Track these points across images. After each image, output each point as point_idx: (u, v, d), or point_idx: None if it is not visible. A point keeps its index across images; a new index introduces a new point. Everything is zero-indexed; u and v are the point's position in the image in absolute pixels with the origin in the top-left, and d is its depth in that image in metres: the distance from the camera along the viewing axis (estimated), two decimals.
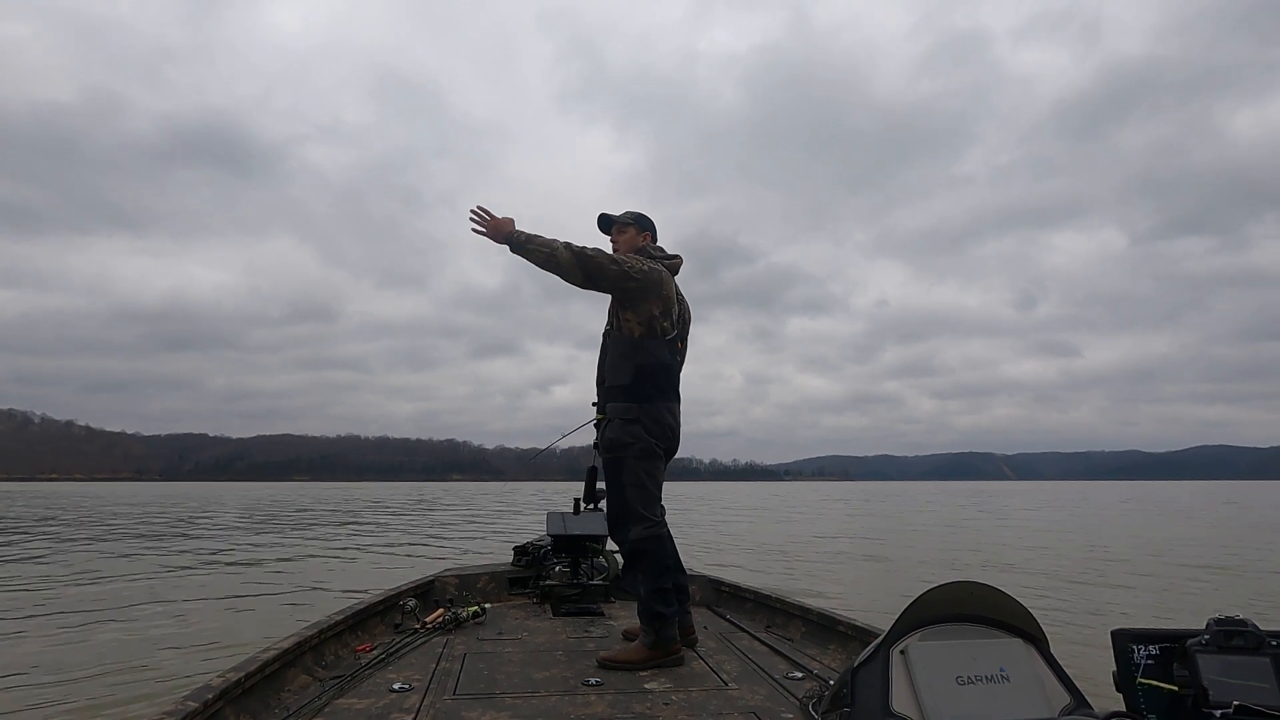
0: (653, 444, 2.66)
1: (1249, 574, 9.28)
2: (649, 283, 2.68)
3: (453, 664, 2.58)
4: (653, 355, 2.69)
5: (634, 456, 2.66)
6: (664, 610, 2.58)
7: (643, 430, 2.66)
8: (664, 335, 2.71)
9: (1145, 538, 14.48)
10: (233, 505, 32.12)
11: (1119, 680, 1.31)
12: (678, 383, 2.80)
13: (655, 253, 2.86)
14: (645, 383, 2.68)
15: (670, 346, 2.73)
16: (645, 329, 2.70)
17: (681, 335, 2.85)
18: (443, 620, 3.09)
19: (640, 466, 2.67)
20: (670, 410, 2.73)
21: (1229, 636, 1.23)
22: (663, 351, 2.70)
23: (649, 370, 2.68)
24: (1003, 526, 18.66)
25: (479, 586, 3.78)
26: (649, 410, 2.67)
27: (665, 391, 2.72)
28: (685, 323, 2.90)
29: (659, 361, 2.69)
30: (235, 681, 1.99)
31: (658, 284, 2.70)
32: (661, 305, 2.71)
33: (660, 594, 2.61)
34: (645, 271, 2.68)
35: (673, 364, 2.75)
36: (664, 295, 2.72)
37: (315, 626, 2.63)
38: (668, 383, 2.73)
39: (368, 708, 2.12)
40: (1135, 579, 8.74)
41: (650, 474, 2.69)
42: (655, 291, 2.69)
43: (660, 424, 2.69)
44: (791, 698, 2.20)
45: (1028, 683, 1.32)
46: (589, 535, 3.78)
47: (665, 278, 2.76)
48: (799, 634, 3.01)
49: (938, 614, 1.41)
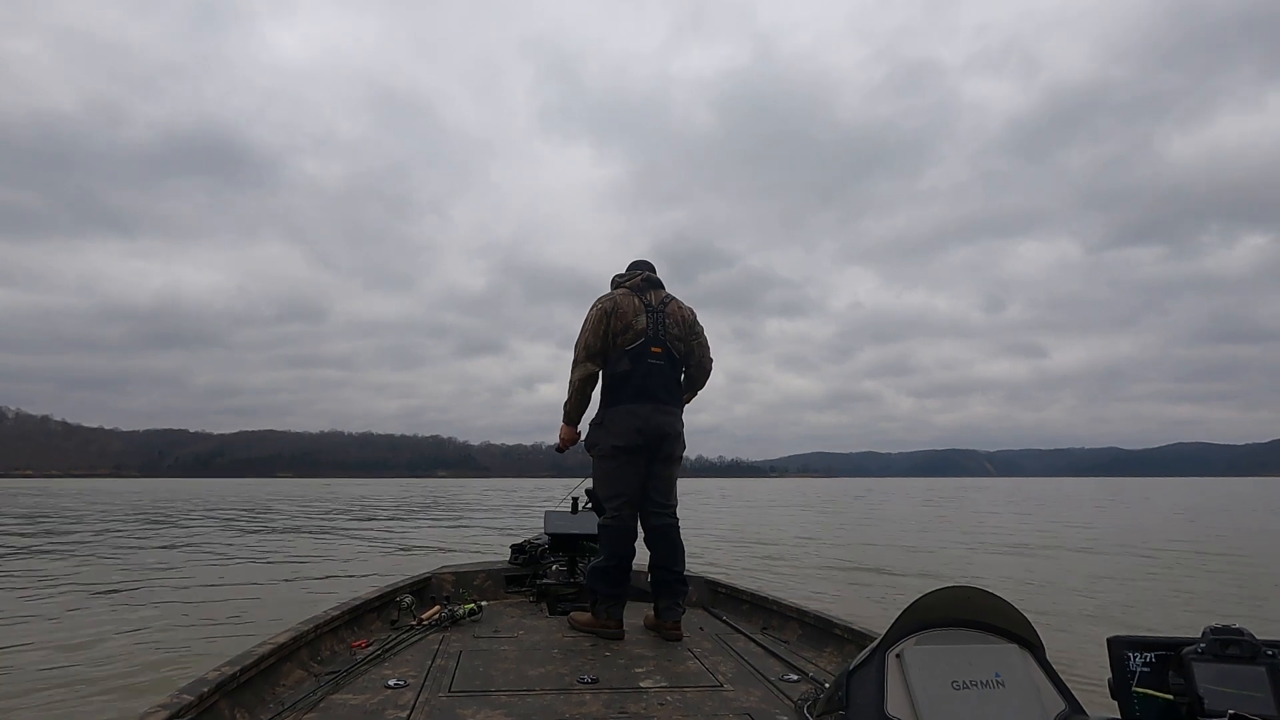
0: (612, 445, 3.04)
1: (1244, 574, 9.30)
2: (594, 337, 3.11)
3: (448, 661, 2.59)
4: (614, 366, 3.10)
5: (597, 456, 3.12)
6: (597, 587, 3.02)
7: (605, 433, 3.08)
8: (624, 347, 3.09)
9: (1132, 538, 14.48)
10: (212, 502, 31.72)
11: (1114, 687, 1.31)
12: (650, 384, 3.09)
13: (616, 281, 3.29)
14: (608, 391, 3.13)
15: (633, 355, 3.08)
16: (614, 347, 3.13)
17: (656, 339, 3.13)
18: (439, 617, 3.09)
19: (600, 465, 3.12)
20: (632, 411, 3.04)
21: (1224, 645, 1.22)
22: (623, 361, 3.08)
23: (610, 380, 3.12)
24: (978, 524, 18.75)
25: (476, 584, 3.79)
26: (610, 414, 3.09)
27: (629, 395, 3.06)
28: (662, 325, 3.17)
29: (619, 370, 3.09)
30: (231, 675, 1.99)
31: (599, 323, 3.11)
32: (620, 325, 3.10)
33: (596, 573, 3.05)
34: (585, 341, 3.12)
35: (633, 370, 3.08)
36: (617, 320, 3.11)
37: (311, 622, 2.64)
38: (631, 386, 3.07)
39: (363, 703, 2.12)
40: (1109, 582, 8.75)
41: (608, 472, 3.09)
42: (608, 326, 3.09)
43: (620, 424, 3.04)
44: (787, 700, 2.20)
45: (1023, 688, 1.32)
46: (586, 534, 3.79)
47: (604, 310, 3.12)
48: (795, 636, 3.02)
49: (934, 618, 1.40)
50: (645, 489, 3.10)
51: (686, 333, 3.24)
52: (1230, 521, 19.50)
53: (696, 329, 3.30)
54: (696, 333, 3.30)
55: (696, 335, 3.30)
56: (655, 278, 3.32)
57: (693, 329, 3.28)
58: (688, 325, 3.25)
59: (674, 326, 3.20)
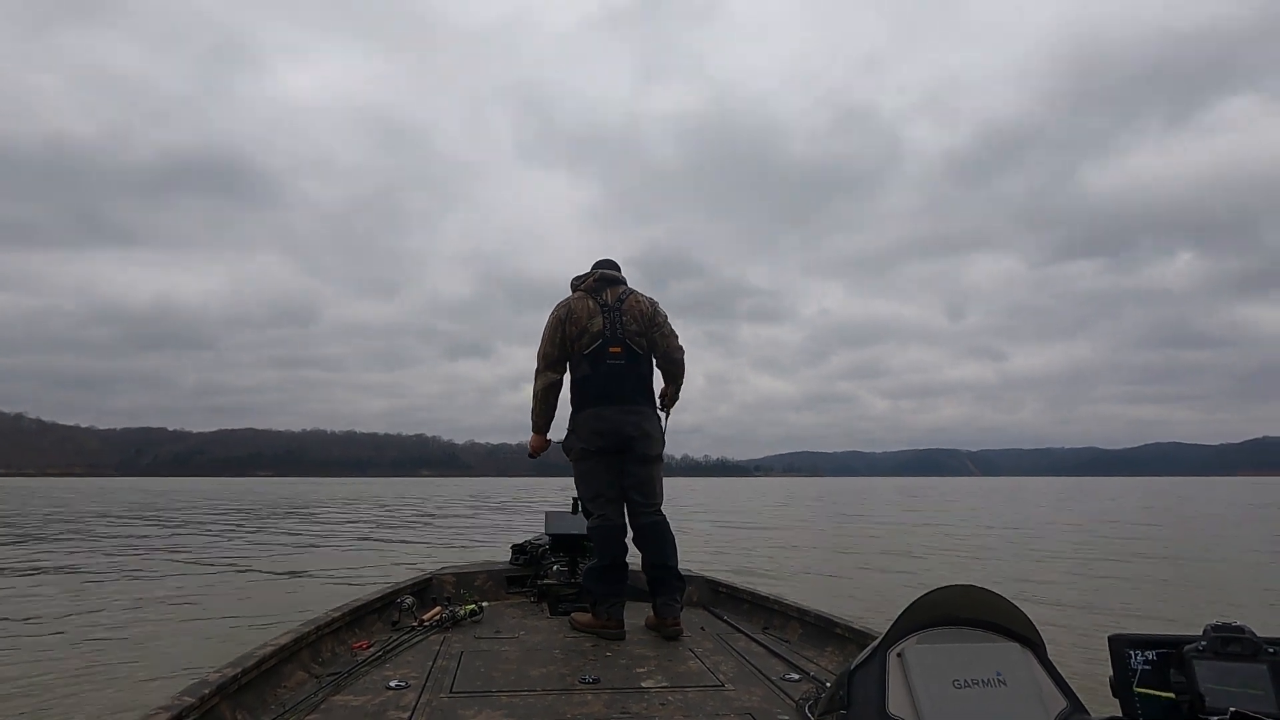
0: (582, 449, 3.10)
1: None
2: (550, 345, 3.16)
3: (449, 662, 2.59)
4: (576, 371, 3.16)
5: (573, 459, 3.17)
6: (593, 588, 3.05)
7: (576, 439, 3.14)
8: (582, 352, 3.12)
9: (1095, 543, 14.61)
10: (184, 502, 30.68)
11: (1115, 685, 1.32)
12: (611, 386, 3.10)
13: (574, 283, 3.29)
14: (574, 396, 3.19)
15: (592, 358, 3.11)
16: (573, 352, 3.18)
17: (614, 339, 3.13)
18: (440, 618, 3.09)
19: (578, 468, 3.17)
20: (597, 414, 3.08)
21: (1226, 643, 1.24)
22: (583, 366, 3.12)
23: (574, 385, 3.19)
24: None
25: (476, 585, 3.78)
26: (577, 419, 3.15)
27: (593, 398, 3.10)
28: (619, 323, 3.15)
29: (580, 375, 3.14)
30: (232, 677, 1.99)
31: (554, 330, 3.15)
32: (576, 331, 3.13)
33: (592, 574, 3.10)
34: (543, 351, 3.19)
35: (593, 373, 3.10)
36: (572, 326, 3.13)
37: (312, 623, 2.63)
38: (594, 389, 3.10)
39: (364, 705, 2.12)
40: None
41: (583, 474, 3.15)
42: (563, 333, 3.13)
43: (588, 427, 3.09)
44: (788, 699, 2.22)
45: (1024, 687, 1.33)
46: (587, 535, 3.79)
47: (558, 318, 3.16)
48: (796, 635, 3.03)
49: (935, 617, 1.41)
50: (626, 489, 3.11)
51: (646, 326, 3.19)
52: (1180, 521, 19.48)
53: (657, 320, 3.22)
54: (658, 324, 3.22)
55: (658, 326, 3.22)
56: (612, 274, 3.26)
57: (652, 320, 3.21)
58: (646, 319, 3.19)
59: (632, 323, 3.15)
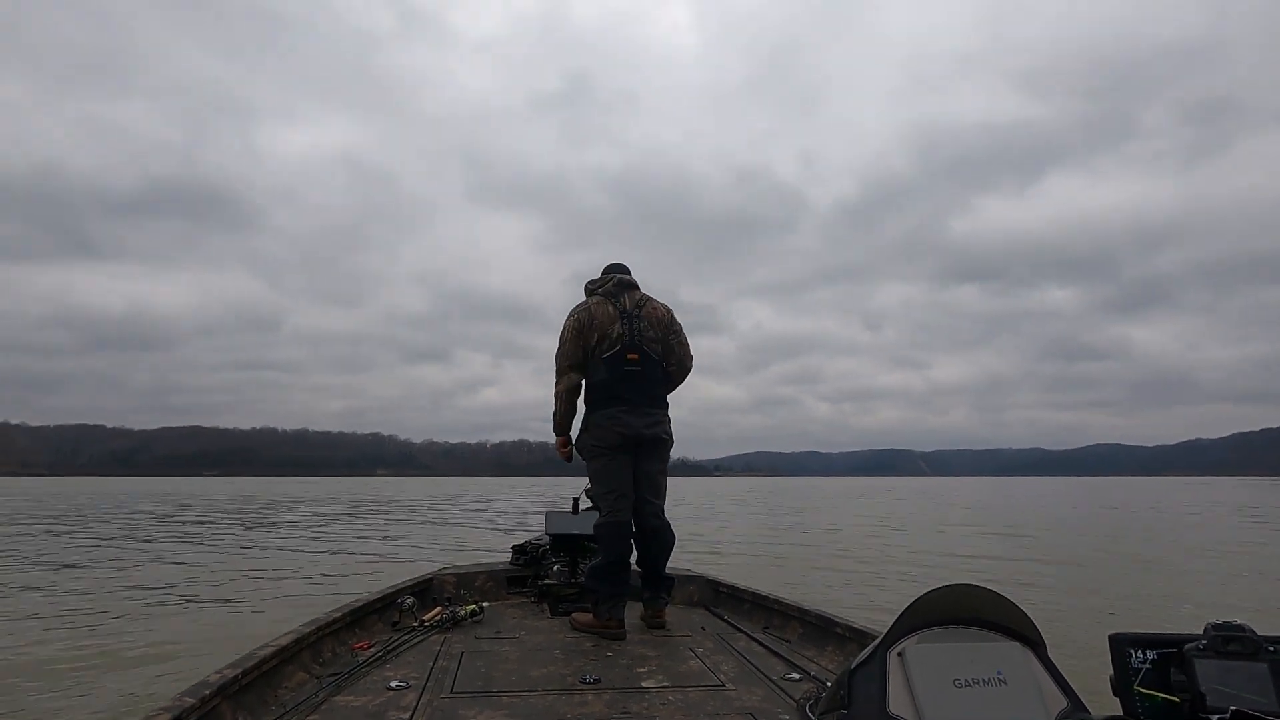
0: (595, 447, 3.16)
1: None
2: (573, 348, 3.20)
3: (450, 662, 2.58)
4: (594, 374, 3.20)
5: (586, 458, 3.23)
6: (598, 587, 3.06)
7: (589, 438, 3.19)
8: (601, 356, 3.17)
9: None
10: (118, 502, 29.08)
11: (1116, 684, 1.31)
12: (628, 390, 3.16)
13: (589, 287, 3.36)
14: (589, 399, 3.25)
15: (610, 362, 3.16)
16: (591, 357, 3.24)
17: (632, 345, 3.18)
18: (440, 618, 3.09)
19: (591, 466, 3.23)
20: (612, 416, 3.14)
21: (1226, 642, 1.22)
22: (600, 369, 3.17)
23: (592, 386, 3.22)
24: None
25: (477, 585, 3.78)
26: (594, 418, 3.19)
27: (608, 399, 3.15)
28: (638, 329, 3.21)
29: (597, 378, 3.19)
30: (233, 678, 1.99)
31: (576, 335, 3.19)
32: (596, 336, 3.18)
33: (595, 572, 3.11)
34: (565, 354, 3.22)
35: (610, 378, 3.15)
36: (592, 332, 3.18)
37: (313, 624, 2.63)
38: (611, 392, 3.15)
39: (365, 705, 2.12)
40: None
41: (598, 470, 3.19)
42: (584, 337, 3.18)
43: (602, 426, 3.14)
44: (788, 699, 2.20)
45: (1025, 686, 1.32)
46: (587, 535, 3.78)
47: (580, 321, 3.20)
48: (796, 635, 3.01)
49: (936, 616, 1.40)
50: (638, 488, 3.16)
51: (664, 333, 3.28)
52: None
53: (675, 327, 3.32)
54: (675, 331, 3.32)
55: (675, 333, 3.32)
56: (629, 280, 3.33)
57: (670, 328, 3.30)
58: (664, 325, 3.28)
59: (650, 329, 3.23)
